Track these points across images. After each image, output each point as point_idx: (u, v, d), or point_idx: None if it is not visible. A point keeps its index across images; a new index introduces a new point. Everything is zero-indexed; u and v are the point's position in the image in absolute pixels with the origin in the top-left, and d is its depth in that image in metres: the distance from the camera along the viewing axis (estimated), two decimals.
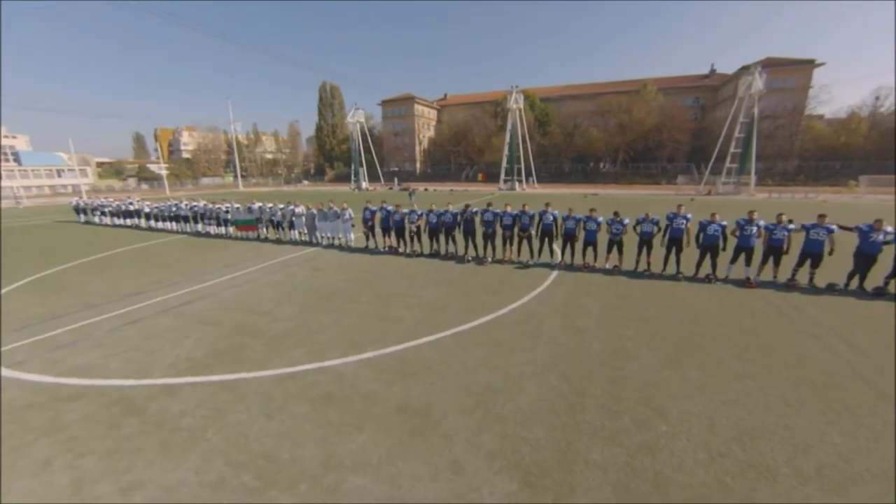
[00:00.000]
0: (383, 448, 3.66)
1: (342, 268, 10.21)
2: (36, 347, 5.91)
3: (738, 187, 31.52)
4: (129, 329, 6.50)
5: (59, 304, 7.90)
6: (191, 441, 3.78)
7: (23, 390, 4.74)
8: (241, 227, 14.38)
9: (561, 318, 6.70)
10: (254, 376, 4.92)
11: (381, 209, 11.45)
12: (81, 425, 4.04)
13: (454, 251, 10.98)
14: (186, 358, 5.43)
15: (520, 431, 3.89)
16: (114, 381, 4.87)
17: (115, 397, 4.54)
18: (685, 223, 8.80)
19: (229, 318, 6.84)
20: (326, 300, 7.69)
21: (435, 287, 8.44)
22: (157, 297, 8.13)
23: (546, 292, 8.04)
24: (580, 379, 4.83)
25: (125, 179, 65.37)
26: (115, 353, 5.62)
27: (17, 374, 5.10)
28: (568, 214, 9.77)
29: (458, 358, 5.34)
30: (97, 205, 20.03)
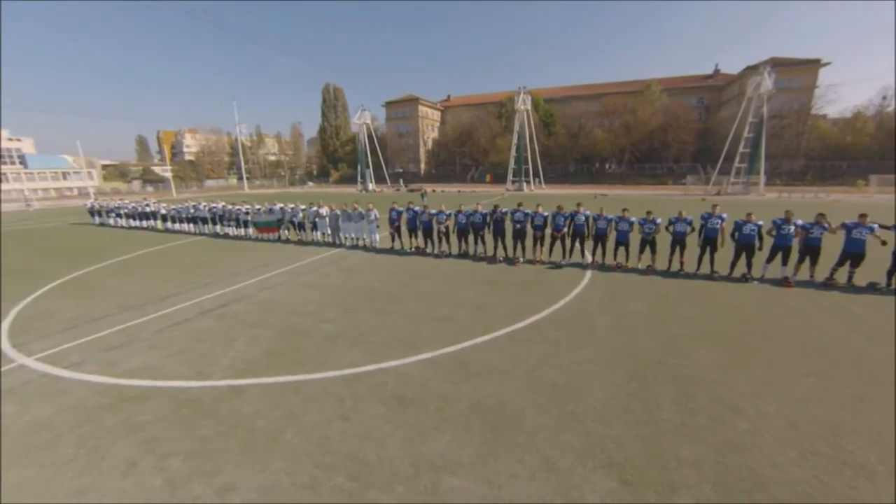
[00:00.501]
0: (470, 448, 3.64)
1: (374, 269, 10.19)
2: (88, 348, 5.88)
3: (747, 187, 31.55)
4: (175, 330, 6.47)
5: (97, 305, 7.88)
6: (272, 443, 3.75)
7: (89, 391, 4.72)
8: (261, 228, 14.36)
9: (608, 317, 6.69)
10: (317, 377, 4.90)
11: (407, 210, 11.44)
12: (157, 427, 4.01)
13: (483, 252, 10.97)
14: (242, 359, 5.41)
15: (601, 429, 3.88)
16: (177, 383, 4.84)
17: (183, 399, 4.51)
18: (720, 223, 8.80)
19: (273, 320, 6.81)
20: (368, 301, 7.67)
21: (473, 287, 8.42)
22: (193, 298, 8.11)
23: (585, 292, 8.03)
24: (645, 377, 4.82)
25: (130, 182, 65.37)
26: (168, 355, 5.59)
27: (79, 375, 5.07)
28: (599, 214, 9.77)
29: (518, 357, 5.33)
30: (113, 207, 20.01)
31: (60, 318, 7.21)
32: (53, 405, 4.45)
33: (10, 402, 4.54)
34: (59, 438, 3.89)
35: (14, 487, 3.31)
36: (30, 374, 5.17)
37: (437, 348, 5.60)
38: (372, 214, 12.01)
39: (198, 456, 3.60)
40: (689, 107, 52.33)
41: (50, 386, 4.88)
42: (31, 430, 4.04)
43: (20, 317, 7.39)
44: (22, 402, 4.55)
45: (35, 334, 6.51)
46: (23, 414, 4.31)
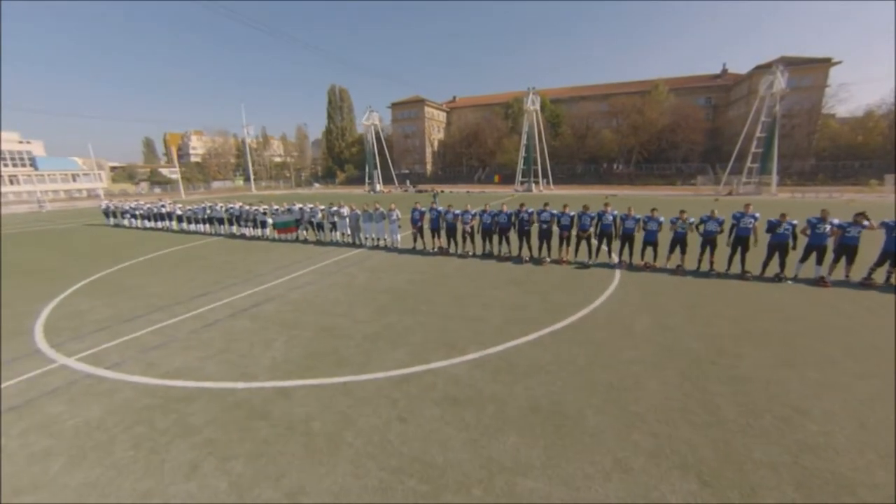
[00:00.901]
0: (538, 449, 3.55)
1: (400, 269, 10.12)
2: (126, 349, 5.84)
3: (758, 187, 31.27)
4: (209, 331, 6.42)
5: (126, 306, 7.85)
6: (332, 445, 3.67)
7: (135, 391, 4.66)
8: (280, 229, 14.33)
9: (647, 317, 6.58)
10: (364, 379, 4.82)
11: (431, 210, 11.37)
12: (212, 428, 3.95)
13: (508, 252, 10.87)
14: (283, 360, 5.34)
15: (667, 430, 3.78)
16: (222, 384, 4.78)
17: (232, 400, 4.44)
18: (753, 222, 8.66)
19: (307, 321, 6.75)
20: (399, 301, 7.60)
21: (504, 287, 8.33)
22: (222, 299, 8.06)
23: (618, 292, 7.91)
24: (697, 377, 4.71)
25: (138, 183, 65.82)
26: (207, 356, 5.53)
27: (122, 376, 5.02)
28: (627, 214, 9.66)
29: (565, 357, 5.24)
30: (128, 208, 20.09)
31: (92, 319, 7.18)
32: (102, 406, 4.40)
33: (58, 403, 4.49)
34: (113, 440, 3.84)
35: (79, 488, 3.25)
36: (73, 375, 5.13)
37: (481, 349, 5.51)
38: (394, 215, 11.94)
39: (259, 458, 3.52)
40: (698, 107, 52.03)
41: (95, 386, 4.83)
42: (83, 431, 3.99)
43: (52, 317, 7.37)
44: (69, 402, 4.51)
45: (70, 334, 6.48)
46: (73, 415, 4.26)
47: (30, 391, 4.78)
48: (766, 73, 30.73)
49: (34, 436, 3.93)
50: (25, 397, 4.65)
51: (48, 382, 4.97)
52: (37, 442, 3.84)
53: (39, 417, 4.24)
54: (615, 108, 52.02)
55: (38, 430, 4.02)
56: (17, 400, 4.60)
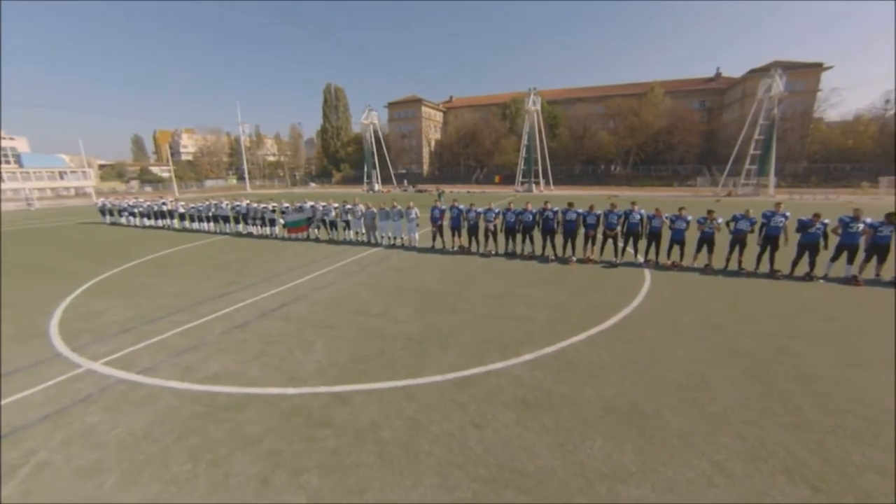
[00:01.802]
0: (629, 453, 3.37)
1: (424, 268, 9.86)
2: (156, 352, 5.49)
3: (757, 189, 31.77)
4: (242, 333, 6.09)
5: (144, 306, 7.45)
6: (410, 454, 3.42)
7: (177, 398, 4.34)
8: (291, 228, 13.92)
9: (691, 316, 6.47)
10: (424, 382, 4.57)
11: (451, 208, 11.14)
12: (272, 438, 3.66)
13: (531, 251, 10.71)
14: (329, 364, 5.06)
15: (754, 431, 3.66)
16: (271, 390, 4.48)
17: (286, 407, 4.16)
18: (784, 221, 8.63)
19: (344, 321, 6.46)
20: (435, 301, 7.35)
21: (537, 286, 8.15)
22: (245, 299, 7.71)
23: (654, 291, 7.80)
24: (765, 377, 4.60)
25: (127, 182, 64.05)
26: (246, 359, 5.21)
27: (158, 381, 4.69)
28: (654, 214, 9.57)
29: (622, 357, 5.09)
30: (126, 205, 19.41)
31: (111, 320, 6.78)
32: (144, 415, 4.07)
33: (95, 411, 4.15)
34: (166, 452, 3.53)
35: None
36: (104, 380, 4.78)
37: (535, 349, 5.31)
38: (412, 213, 11.68)
39: (334, 471, 3.26)
40: (694, 109, 52.78)
41: (131, 393, 4.49)
42: (130, 442, 3.66)
43: (66, 318, 6.95)
44: (107, 410, 4.17)
45: (90, 337, 6.09)
46: (114, 424, 3.92)
47: (60, 398, 4.42)
48: (764, 77, 31.27)
49: (77, 447, 3.60)
50: (57, 405, 4.29)
51: (78, 389, 4.61)
52: (82, 455, 3.51)
53: (78, 427, 3.90)
54: (612, 109, 52.51)
55: (80, 441, 3.69)
56: (49, 408, 4.24)
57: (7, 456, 3.53)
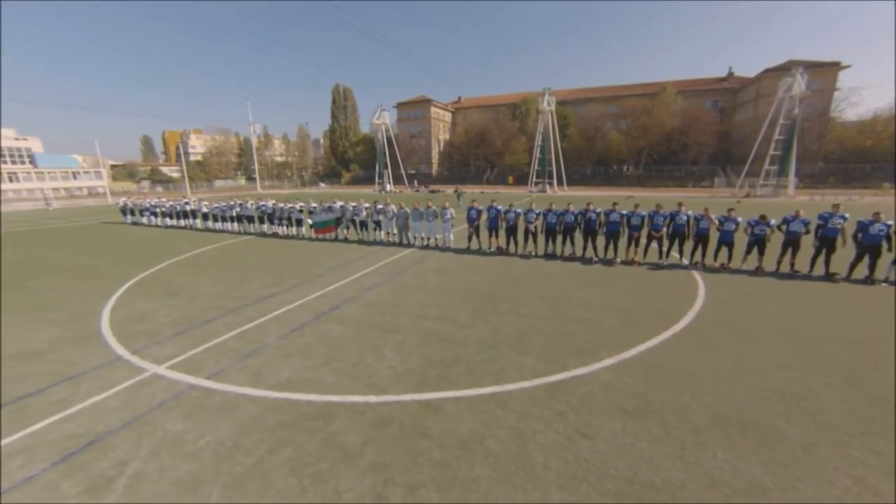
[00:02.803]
0: (757, 465, 3.19)
1: (468, 269, 9.65)
2: (217, 355, 5.32)
3: (776, 190, 31.29)
4: (302, 337, 5.90)
5: (191, 307, 7.31)
6: (525, 467, 3.22)
7: (256, 406, 4.16)
8: (319, 229, 13.76)
9: (762, 320, 6.24)
10: (512, 389, 4.37)
11: (489, 209, 10.94)
12: (372, 450, 3.47)
13: (572, 252, 10.48)
14: (406, 370, 4.87)
15: (885, 445, 3.41)
16: (352, 398, 4.29)
17: (374, 416, 3.96)
18: (842, 223, 8.35)
19: (404, 325, 6.26)
20: (491, 303, 7.15)
21: (590, 289, 7.93)
22: (292, 301, 7.54)
23: (712, 293, 7.54)
24: (868, 385, 4.39)
25: (138, 182, 64.43)
26: (315, 365, 5.03)
27: (230, 388, 4.51)
28: (702, 215, 9.32)
29: (709, 362, 4.89)
30: (148, 205, 19.37)
31: (162, 322, 6.64)
32: (228, 423, 3.89)
33: (175, 419, 3.98)
34: (263, 464, 3.34)
35: None
36: (174, 386, 4.61)
37: (614, 354, 5.11)
38: (448, 213, 11.48)
39: (451, 486, 3.06)
40: (708, 109, 52.23)
41: (206, 399, 4.32)
42: (223, 453, 3.48)
43: (115, 320, 6.81)
44: (187, 418, 3.99)
45: (146, 339, 5.94)
46: (200, 433, 3.75)
47: (135, 404, 4.26)
48: (785, 76, 30.78)
49: (169, 458, 3.43)
50: (133, 411, 4.13)
51: (151, 394, 4.45)
52: (176, 465, 3.34)
53: (162, 435, 3.74)
54: (624, 109, 52.05)
55: (170, 451, 3.52)
56: (126, 414, 4.08)
57: (98, 465, 3.37)
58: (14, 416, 4.13)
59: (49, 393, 4.57)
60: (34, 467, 3.39)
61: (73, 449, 3.59)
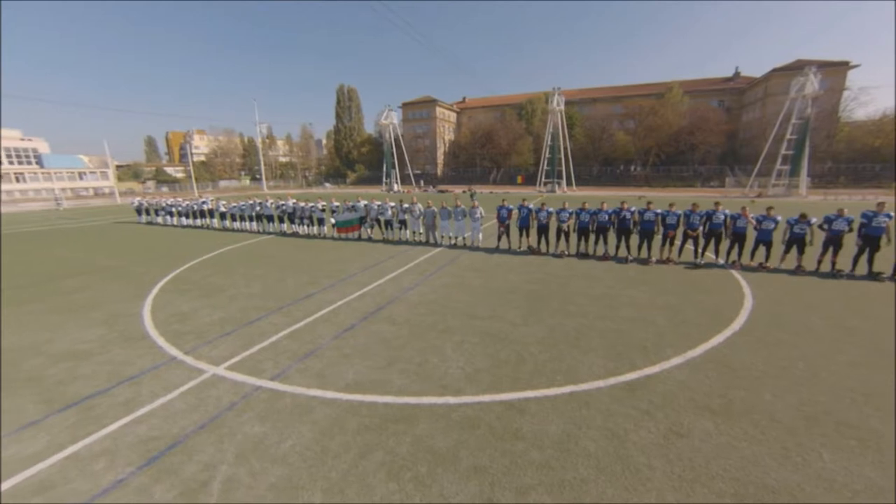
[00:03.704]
0: (866, 467, 3.10)
1: (504, 268, 9.53)
2: (275, 357, 5.21)
3: (788, 189, 31.17)
4: (354, 337, 5.79)
5: (231, 307, 7.20)
6: (630, 468, 3.12)
7: (332, 408, 4.05)
8: (342, 228, 13.66)
9: (819, 318, 6.15)
10: (589, 388, 4.28)
11: (521, 208, 10.84)
12: (468, 453, 3.36)
13: (605, 251, 10.37)
14: (475, 370, 4.76)
15: None
16: (429, 399, 4.18)
17: (457, 418, 3.86)
18: (888, 221, 8.23)
19: (459, 325, 6.14)
20: (538, 302, 7.05)
21: (633, 287, 7.83)
22: (334, 300, 7.43)
23: (760, 292, 7.43)
24: None
25: (143, 182, 64.40)
26: (379, 366, 4.92)
27: (298, 389, 4.40)
28: (740, 214, 9.21)
29: (777, 360, 4.84)
30: (164, 205, 19.29)
31: (205, 322, 6.54)
32: (307, 426, 3.78)
33: (251, 422, 3.87)
34: (357, 469, 3.23)
35: None
36: (239, 387, 4.51)
37: (679, 352, 5.04)
38: (477, 212, 11.38)
39: (561, 488, 2.96)
40: (716, 109, 52.13)
41: (277, 402, 4.21)
42: (311, 457, 3.37)
43: (158, 320, 6.71)
44: (263, 421, 3.88)
45: (194, 339, 5.84)
46: (281, 436, 3.64)
47: (205, 406, 4.16)
48: (797, 75, 30.67)
49: (257, 462, 3.32)
50: (205, 413, 4.02)
51: (217, 396, 4.34)
52: (266, 469, 3.24)
53: (242, 438, 3.63)
54: (631, 110, 51.96)
55: (256, 455, 3.41)
56: (198, 416, 3.97)
57: (186, 469, 3.27)
58: (84, 417, 4.03)
59: (113, 394, 4.47)
60: (121, 470, 3.29)
61: (155, 452, 3.49)
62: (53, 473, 3.29)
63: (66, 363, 5.26)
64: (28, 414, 4.16)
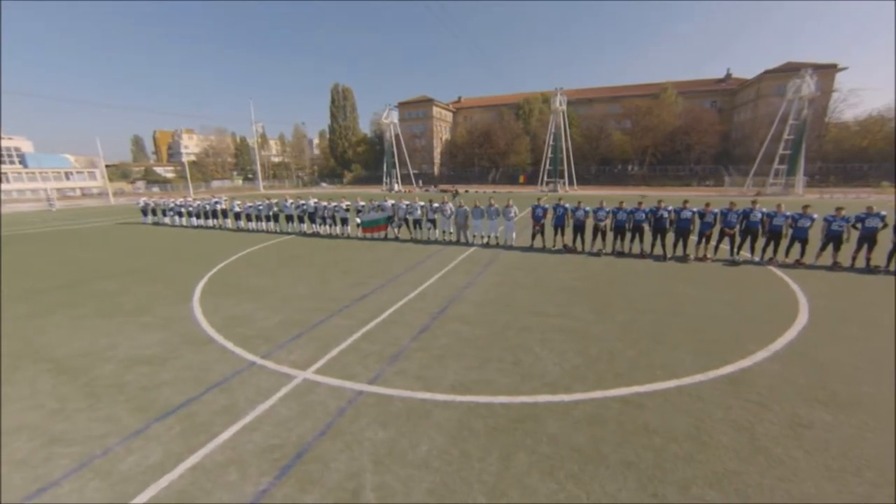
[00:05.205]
0: None
1: (548, 267, 9.55)
2: (361, 359, 5.09)
3: (786, 188, 32.12)
4: (435, 338, 5.69)
5: (287, 309, 7.02)
6: (773, 458, 3.19)
7: (451, 411, 3.98)
8: (368, 228, 13.50)
9: (882, 314, 6.34)
10: (692, 382, 4.36)
11: (556, 206, 10.88)
12: (609, 448, 3.36)
13: (640, 250, 10.50)
14: (573, 367, 4.76)
15: None
16: (546, 398, 4.15)
17: (579, 415, 3.85)
18: None
19: (533, 322, 6.13)
20: (599, 299, 7.10)
21: (683, 284, 7.99)
22: (394, 300, 7.30)
23: (809, 288, 7.61)
24: None
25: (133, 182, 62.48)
26: (474, 366, 4.86)
27: (405, 393, 4.31)
28: (776, 212, 9.43)
29: (863, 354, 4.99)
30: (174, 205, 18.75)
31: (266, 325, 6.36)
32: (435, 431, 3.68)
33: (372, 428, 3.76)
34: (508, 471, 3.18)
35: None
36: (341, 392, 4.39)
37: (761, 346, 5.16)
38: (511, 211, 11.38)
39: (724, 482, 2.97)
40: (710, 109, 53.32)
41: (389, 406, 4.11)
42: (455, 462, 3.30)
43: (216, 323, 6.49)
44: (385, 427, 3.77)
45: (264, 343, 5.67)
46: (413, 442, 3.54)
47: (313, 412, 4.03)
48: (794, 77, 31.60)
49: (401, 469, 3.24)
50: (317, 420, 3.90)
51: (321, 402, 4.22)
52: (415, 476, 3.16)
53: (371, 445, 3.53)
54: (628, 110, 52.79)
55: (396, 462, 3.31)
56: (311, 423, 3.84)
57: (329, 478, 3.16)
58: (189, 425, 3.87)
59: (206, 401, 4.31)
60: (257, 480, 3.17)
61: (284, 461, 3.37)
62: (187, 486, 3.15)
63: (140, 368, 5.06)
64: (125, 422, 3.98)
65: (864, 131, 43.00)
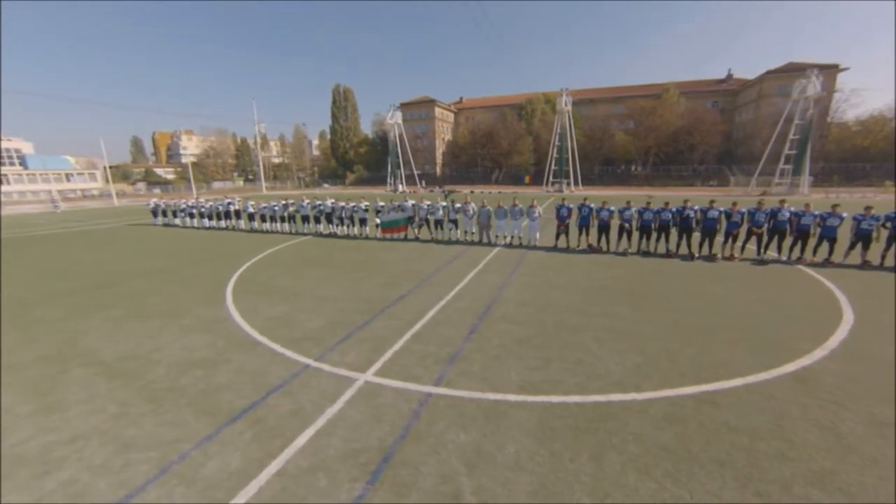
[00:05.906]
0: None
1: (577, 267, 9.54)
2: (418, 361, 5.05)
3: (791, 188, 32.33)
4: (487, 339, 5.64)
5: (325, 311, 6.96)
6: (867, 456, 3.20)
7: (527, 412, 3.95)
8: (387, 228, 13.44)
9: None
10: (758, 381, 4.36)
11: (581, 207, 10.88)
12: (697, 446, 3.35)
13: (666, 249, 10.51)
14: (634, 365, 4.76)
15: None
16: (618, 396, 4.14)
17: (658, 413, 3.84)
18: None
19: (580, 322, 6.12)
20: (639, 299, 7.11)
21: (717, 284, 8.02)
22: (432, 301, 7.23)
23: (847, 287, 7.64)
24: None
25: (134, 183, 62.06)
26: (537, 367, 4.82)
27: (475, 395, 4.27)
28: (804, 211, 9.47)
29: None
30: (185, 206, 18.61)
31: (311, 327, 6.29)
32: (517, 432, 3.64)
33: (451, 431, 3.71)
34: (602, 471, 3.15)
35: None
36: (407, 395, 4.34)
37: (813, 346, 5.18)
38: (535, 211, 11.37)
39: (825, 480, 2.96)
40: (713, 109, 53.62)
41: (462, 408, 4.06)
42: (547, 463, 3.27)
43: (257, 325, 6.42)
44: (464, 428, 3.73)
45: (314, 346, 5.60)
46: (498, 444, 3.50)
47: (386, 415, 3.98)
48: (799, 77, 31.82)
49: (495, 471, 3.20)
50: (393, 423, 3.85)
51: (391, 405, 4.16)
52: (511, 479, 3.12)
53: (455, 448, 3.48)
54: (631, 110, 52.98)
55: (490, 466, 3.26)
56: (388, 427, 3.79)
57: (424, 482, 3.12)
58: (261, 430, 3.81)
59: (270, 405, 4.25)
60: (349, 486, 3.12)
61: (372, 466, 3.32)
62: (279, 492, 3.10)
63: (194, 372, 4.99)
64: (194, 427, 3.92)
65: (865, 131, 43.35)
